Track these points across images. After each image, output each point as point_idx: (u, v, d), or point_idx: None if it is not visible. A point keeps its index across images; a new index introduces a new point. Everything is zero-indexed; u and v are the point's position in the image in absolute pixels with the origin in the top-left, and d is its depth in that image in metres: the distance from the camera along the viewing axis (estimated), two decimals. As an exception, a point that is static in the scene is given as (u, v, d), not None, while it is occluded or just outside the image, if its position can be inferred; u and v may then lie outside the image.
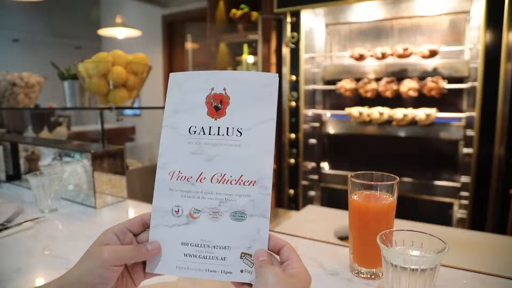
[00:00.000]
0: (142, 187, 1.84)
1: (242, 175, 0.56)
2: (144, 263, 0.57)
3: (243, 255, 0.54)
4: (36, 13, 6.03)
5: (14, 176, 1.61)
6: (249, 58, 3.10)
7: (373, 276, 0.71)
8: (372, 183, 0.68)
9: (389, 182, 0.67)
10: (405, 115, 2.25)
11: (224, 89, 0.59)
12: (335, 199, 2.72)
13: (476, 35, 2.09)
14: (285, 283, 0.47)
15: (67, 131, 2.45)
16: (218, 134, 0.58)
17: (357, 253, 0.70)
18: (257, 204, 0.55)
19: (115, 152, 1.30)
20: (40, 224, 1.05)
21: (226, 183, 0.57)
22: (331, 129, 2.67)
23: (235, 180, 0.56)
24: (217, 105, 0.59)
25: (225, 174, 0.57)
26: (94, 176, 1.20)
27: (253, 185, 0.56)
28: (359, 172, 0.70)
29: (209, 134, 0.58)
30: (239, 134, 0.58)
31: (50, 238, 0.96)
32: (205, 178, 0.57)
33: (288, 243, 0.53)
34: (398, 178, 0.67)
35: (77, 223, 1.09)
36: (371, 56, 2.35)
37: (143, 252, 0.54)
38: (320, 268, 0.77)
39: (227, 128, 0.58)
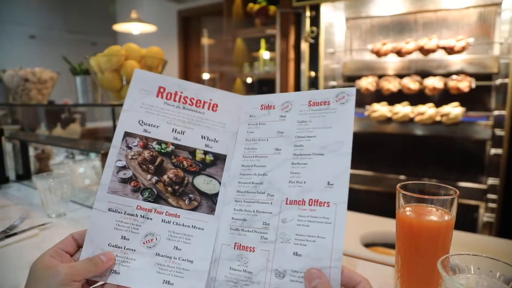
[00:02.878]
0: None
1: None
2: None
3: None
4: (53, 9, 6.04)
5: (23, 175, 1.55)
6: (266, 54, 3.02)
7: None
8: (427, 197, 0.56)
9: (447, 197, 0.56)
10: (430, 108, 2.14)
11: None
12: (355, 199, 2.60)
13: (507, 29, 1.98)
14: None
15: (81, 128, 2.40)
16: None
17: (405, 277, 0.59)
18: None
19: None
20: (45, 231, 0.97)
21: None
22: (351, 128, 2.57)
23: None
24: None
25: None
26: (105, 177, 1.12)
27: None
28: (409, 182, 0.58)
29: None
30: None
31: (54, 248, 0.88)
32: None
33: (365, 278, 0.43)
34: (457, 191, 0.56)
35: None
36: (392, 51, 2.23)
37: (99, 264, 0.49)
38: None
39: None
